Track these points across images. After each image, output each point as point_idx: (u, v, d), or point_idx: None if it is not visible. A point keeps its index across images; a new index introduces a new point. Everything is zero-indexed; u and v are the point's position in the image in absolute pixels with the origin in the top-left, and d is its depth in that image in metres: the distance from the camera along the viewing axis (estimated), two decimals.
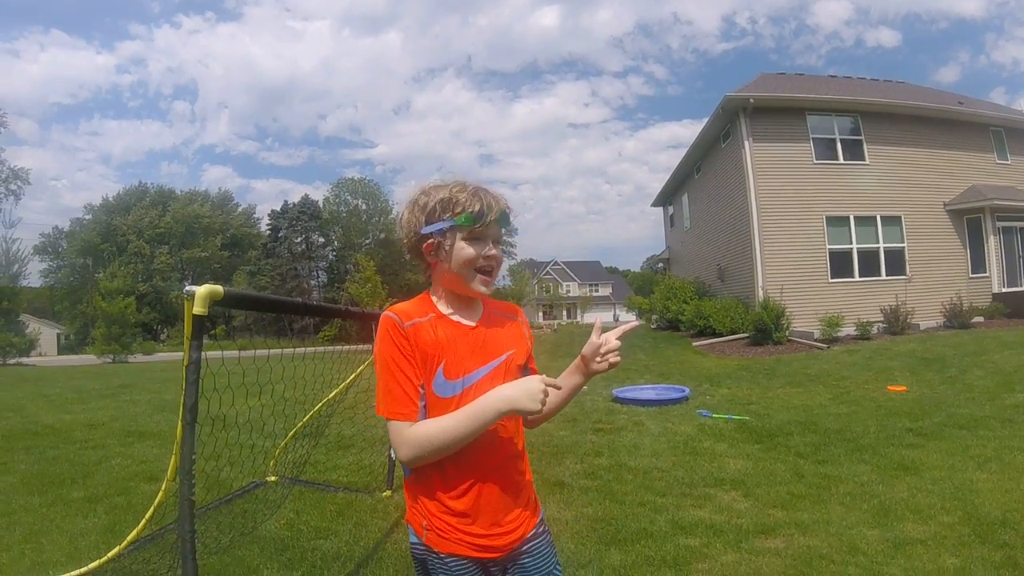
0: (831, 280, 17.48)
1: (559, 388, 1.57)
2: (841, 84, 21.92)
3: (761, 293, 16.70)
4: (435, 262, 1.58)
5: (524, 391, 1.44)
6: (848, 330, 15.56)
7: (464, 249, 1.54)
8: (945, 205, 18.78)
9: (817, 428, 7.09)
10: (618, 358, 1.62)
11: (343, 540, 3.87)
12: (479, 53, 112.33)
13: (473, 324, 1.60)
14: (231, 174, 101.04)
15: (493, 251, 1.58)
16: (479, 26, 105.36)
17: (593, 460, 5.95)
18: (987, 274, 18.61)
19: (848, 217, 17.80)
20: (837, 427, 7.11)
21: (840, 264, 17.70)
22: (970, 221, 18.82)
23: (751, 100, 17.28)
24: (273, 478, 4.95)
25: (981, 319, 16.81)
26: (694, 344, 16.56)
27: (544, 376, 1.48)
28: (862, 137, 18.30)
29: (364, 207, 51.91)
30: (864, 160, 18.23)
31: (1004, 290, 18.36)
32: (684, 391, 9.69)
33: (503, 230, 1.63)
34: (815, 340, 15.11)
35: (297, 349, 4.59)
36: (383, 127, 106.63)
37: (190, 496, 1.97)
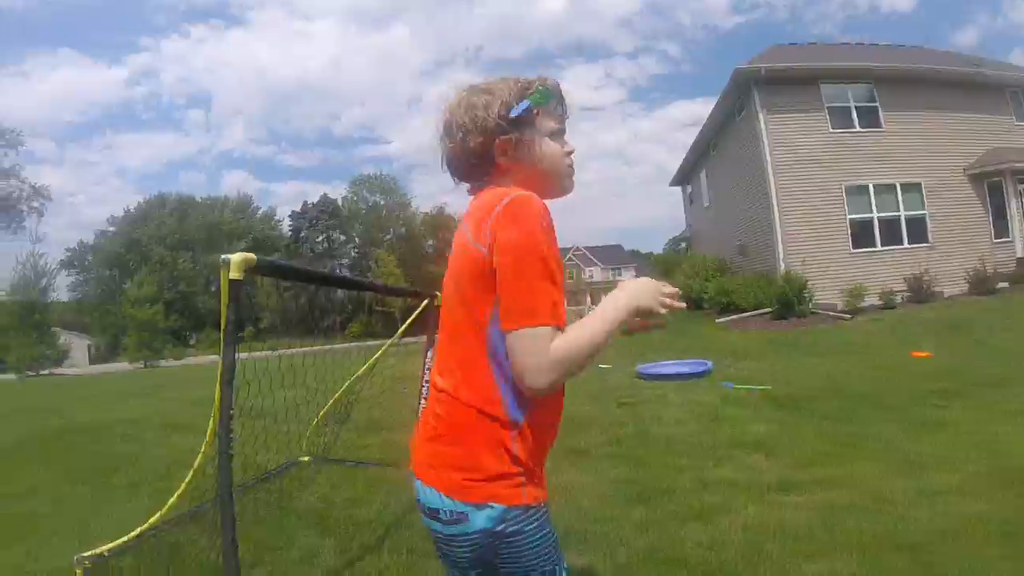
0: (853, 250, 17.27)
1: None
2: (855, 51, 21.58)
3: (782, 266, 16.58)
4: (509, 165, 1.38)
5: (646, 290, 1.29)
6: (872, 300, 15.43)
7: (550, 145, 1.40)
8: (965, 170, 18.45)
9: (842, 393, 7.11)
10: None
11: (375, 508, 3.99)
12: (488, 42, 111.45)
13: None
14: (249, 178, 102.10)
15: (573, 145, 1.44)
16: (485, 14, 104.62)
17: (617, 430, 6.00)
18: (1011, 239, 18.23)
19: (867, 186, 17.55)
20: (863, 391, 7.11)
21: (861, 234, 17.48)
22: (991, 185, 18.43)
23: (762, 71, 17.11)
24: (306, 458, 5.14)
25: (1006, 285, 16.53)
26: (717, 321, 16.51)
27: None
28: (877, 104, 17.99)
29: (383, 203, 52.36)
30: (881, 127, 17.93)
31: None
32: (707, 365, 9.69)
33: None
34: (839, 311, 15.01)
35: (322, 348, 4.78)
36: (397, 122, 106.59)
37: (228, 451, 2.07)
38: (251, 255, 2.24)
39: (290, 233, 51.78)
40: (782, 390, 7.59)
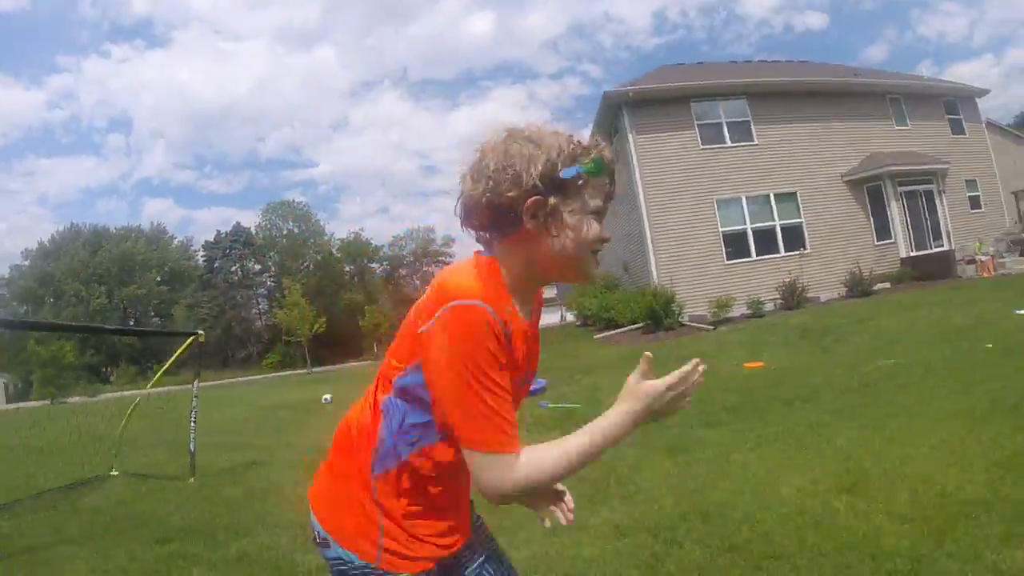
0: (727, 262, 17.79)
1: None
2: (734, 69, 22.39)
3: (656, 282, 16.90)
4: (535, 230, 1.23)
5: (657, 399, 1.17)
6: (741, 309, 15.81)
7: (589, 224, 1.24)
8: (843, 176, 19.20)
9: None
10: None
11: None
12: (414, 63, 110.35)
13: (530, 322, 1.31)
14: (172, 206, 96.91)
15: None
16: (413, 36, 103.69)
17: None
18: (892, 240, 19.01)
19: (740, 198, 18.12)
20: None
21: (735, 245, 18.01)
22: (870, 189, 19.25)
23: (630, 94, 17.56)
24: (115, 472, 6.55)
25: (888, 285, 17.14)
26: (595, 337, 16.72)
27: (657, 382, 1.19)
28: (749, 118, 18.66)
29: (296, 230, 51.58)
30: (753, 140, 18.60)
31: (912, 254, 18.78)
32: (540, 384, 9.69)
33: None
34: (708, 322, 15.34)
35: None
36: (323, 145, 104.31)
37: None
38: None
39: (204, 264, 50.49)
40: (591, 408, 7.59)
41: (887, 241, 19.08)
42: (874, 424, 5.03)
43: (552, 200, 1.19)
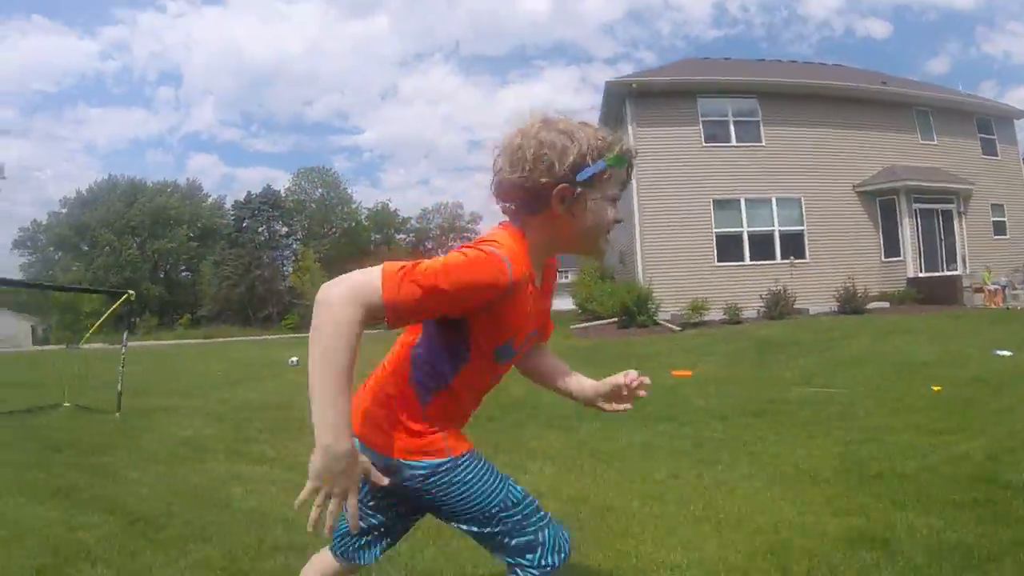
0: (718, 263, 17.42)
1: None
2: (755, 67, 21.70)
3: (641, 276, 16.63)
4: (560, 213, 1.38)
5: (340, 467, 1.19)
6: (719, 314, 15.43)
7: (606, 210, 1.41)
8: (855, 187, 18.49)
9: (519, 404, 7.04)
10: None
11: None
12: (467, 37, 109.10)
13: (538, 286, 1.49)
14: (216, 162, 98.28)
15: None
16: (467, 9, 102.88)
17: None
18: (901, 258, 18.31)
19: (739, 200, 17.65)
20: (539, 404, 6.99)
21: (729, 247, 17.60)
22: (883, 203, 18.51)
23: (633, 85, 17.20)
24: (68, 404, 7.78)
25: (886, 305, 16.46)
26: (572, 327, 16.59)
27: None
28: (759, 119, 18.11)
29: (325, 197, 52.11)
30: (760, 142, 18.06)
31: (921, 275, 18.06)
32: None
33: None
34: (680, 324, 15.05)
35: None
36: (370, 113, 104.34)
37: None
38: None
39: (233, 222, 51.48)
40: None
41: (896, 259, 18.34)
42: (710, 465, 4.41)
43: (579, 189, 1.35)
